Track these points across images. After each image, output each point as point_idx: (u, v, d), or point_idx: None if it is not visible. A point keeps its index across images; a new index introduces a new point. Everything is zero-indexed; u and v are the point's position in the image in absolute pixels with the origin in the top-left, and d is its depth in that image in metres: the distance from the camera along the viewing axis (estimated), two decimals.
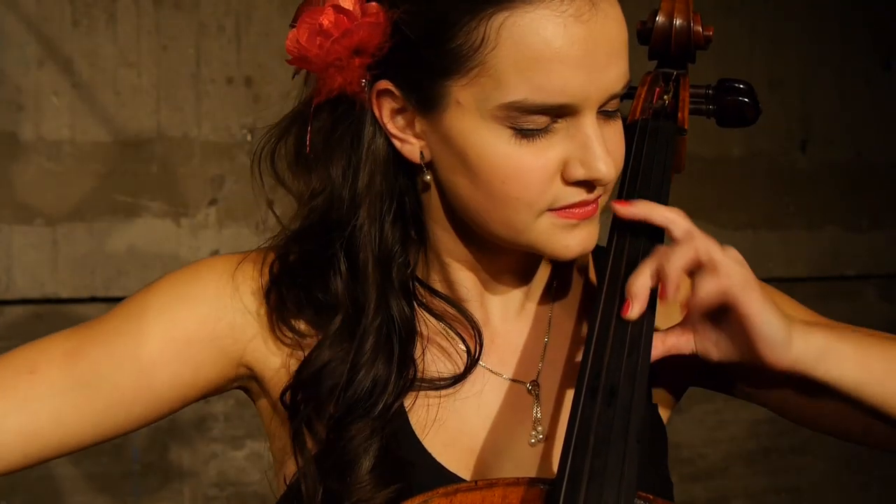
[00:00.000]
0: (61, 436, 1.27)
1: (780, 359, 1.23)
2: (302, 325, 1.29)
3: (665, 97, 1.37)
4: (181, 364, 1.28)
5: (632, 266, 1.23)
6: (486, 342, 1.32)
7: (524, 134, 1.21)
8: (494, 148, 1.22)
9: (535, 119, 1.21)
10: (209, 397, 1.35)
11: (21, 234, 2.70)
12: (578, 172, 1.23)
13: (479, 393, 1.32)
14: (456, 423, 1.31)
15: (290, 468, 1.30)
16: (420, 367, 1.29)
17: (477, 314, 1.33)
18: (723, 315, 1.24)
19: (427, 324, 1.32)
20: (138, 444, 2.78)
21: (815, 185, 3.27)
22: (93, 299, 2.75)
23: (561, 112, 1.21)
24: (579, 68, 1.19)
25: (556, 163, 1.22)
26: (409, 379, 1.28)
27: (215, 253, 2.82)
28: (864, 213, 3.33)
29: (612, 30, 1.21)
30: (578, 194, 1.23)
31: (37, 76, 2.70)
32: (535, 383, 1.33)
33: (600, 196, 1.25)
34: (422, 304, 1.32)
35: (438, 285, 1.33)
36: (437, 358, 1.32)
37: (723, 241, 1.23)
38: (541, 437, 1.31)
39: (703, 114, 1.42)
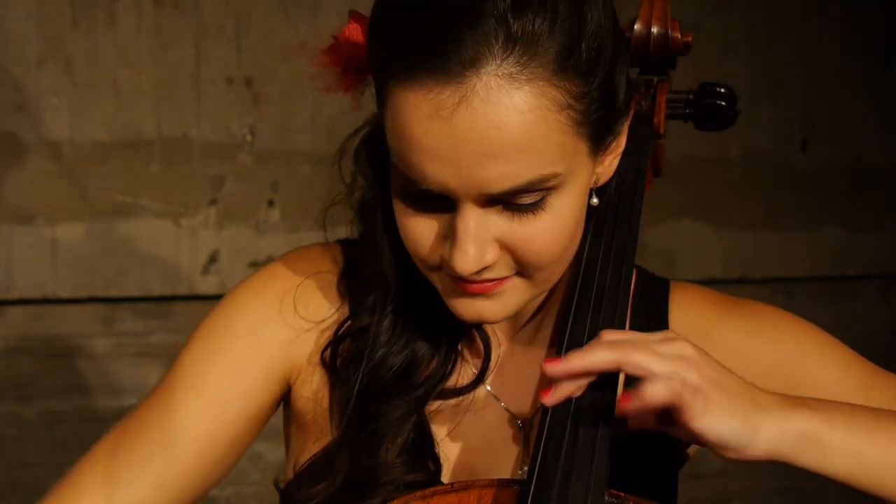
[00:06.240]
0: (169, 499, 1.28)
1: (745, 457, 1.11)
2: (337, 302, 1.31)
3: (643, 103, 1.38)
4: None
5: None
6: (495, 367, 1.30)
7: (412, 196, 1.16)
8: (395, 194, 1.19)
9: (415, 188, 1.14)
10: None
11: (21, 234, 2.71)
12: (446, 255, 1.16)
13: (480, 415, 1.30)
14: (453, 437, 1.29)
15: (304, 458, 1.29)
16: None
17: (490, 334, 1.30)
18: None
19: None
20: None
21: (815, 185, 3.27)
22: (93, 299, 2.75)
23: (435, 195, 1.13)
24: (437, 161, 1.11)
25: (438, 236, 1.17)
26: (448, 370, 1.26)
27: (215, 253, 2.83)
28: (864, 214, 3.32)
29: (485, 131, 1.09)
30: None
31: (37, 76, 2.70)
32: (529, 422, 1.29)
33: (504, 278, 1.17)
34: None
35: None
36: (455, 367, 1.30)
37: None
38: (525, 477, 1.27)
39: (681, 118, 1.42)
